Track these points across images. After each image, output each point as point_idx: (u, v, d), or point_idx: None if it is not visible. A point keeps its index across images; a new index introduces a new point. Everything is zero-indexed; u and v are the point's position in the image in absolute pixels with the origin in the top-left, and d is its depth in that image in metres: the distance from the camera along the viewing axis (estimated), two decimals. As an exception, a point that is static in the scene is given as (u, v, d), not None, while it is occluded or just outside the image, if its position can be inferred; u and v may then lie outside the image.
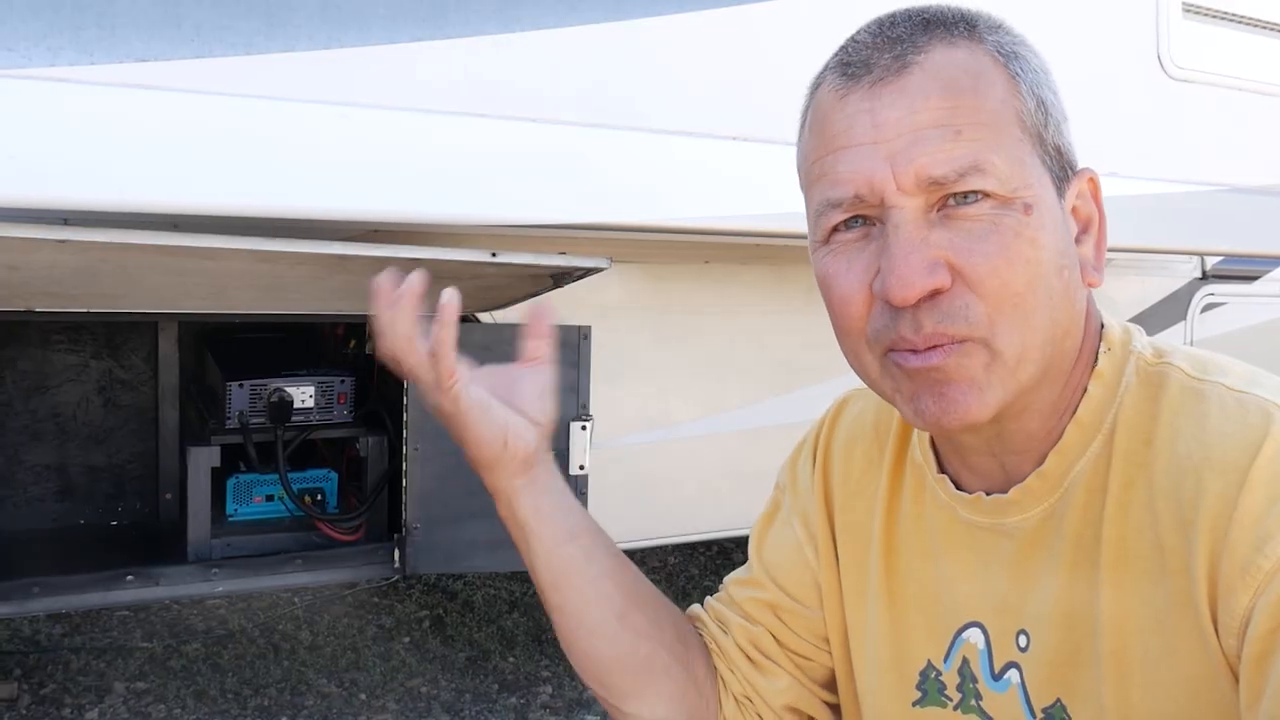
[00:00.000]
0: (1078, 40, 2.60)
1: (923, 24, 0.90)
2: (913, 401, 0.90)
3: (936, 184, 0.85)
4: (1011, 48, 0.91)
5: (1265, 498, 0.81)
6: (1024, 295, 0.86)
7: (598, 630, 1.11)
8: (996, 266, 0.85)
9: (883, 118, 0.87)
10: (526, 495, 1.07)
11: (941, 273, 0.85)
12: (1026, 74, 0.90)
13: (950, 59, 0.88)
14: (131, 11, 1.70)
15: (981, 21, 0.92)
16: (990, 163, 0.85)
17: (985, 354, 0.87)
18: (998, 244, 0.85)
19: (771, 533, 1.22)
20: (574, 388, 2.35)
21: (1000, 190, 0.85)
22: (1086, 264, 0.93)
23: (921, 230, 0.86)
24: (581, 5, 2.05)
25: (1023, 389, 0.89)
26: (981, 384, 0.87)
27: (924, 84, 0.87)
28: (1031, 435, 0.95)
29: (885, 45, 0.89)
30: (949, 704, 1.03)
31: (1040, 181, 0.88)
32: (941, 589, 1.04)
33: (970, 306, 0.86)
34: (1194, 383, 0.90)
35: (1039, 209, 0.87)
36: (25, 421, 2.73)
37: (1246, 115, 2.92)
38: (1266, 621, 0.79)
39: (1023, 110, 0.88)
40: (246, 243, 1.75)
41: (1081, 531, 0.92)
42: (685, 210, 2.10)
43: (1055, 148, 0.91)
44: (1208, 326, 3.16)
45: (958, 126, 0.85)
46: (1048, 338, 0.89)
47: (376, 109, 1.88)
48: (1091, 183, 0.95)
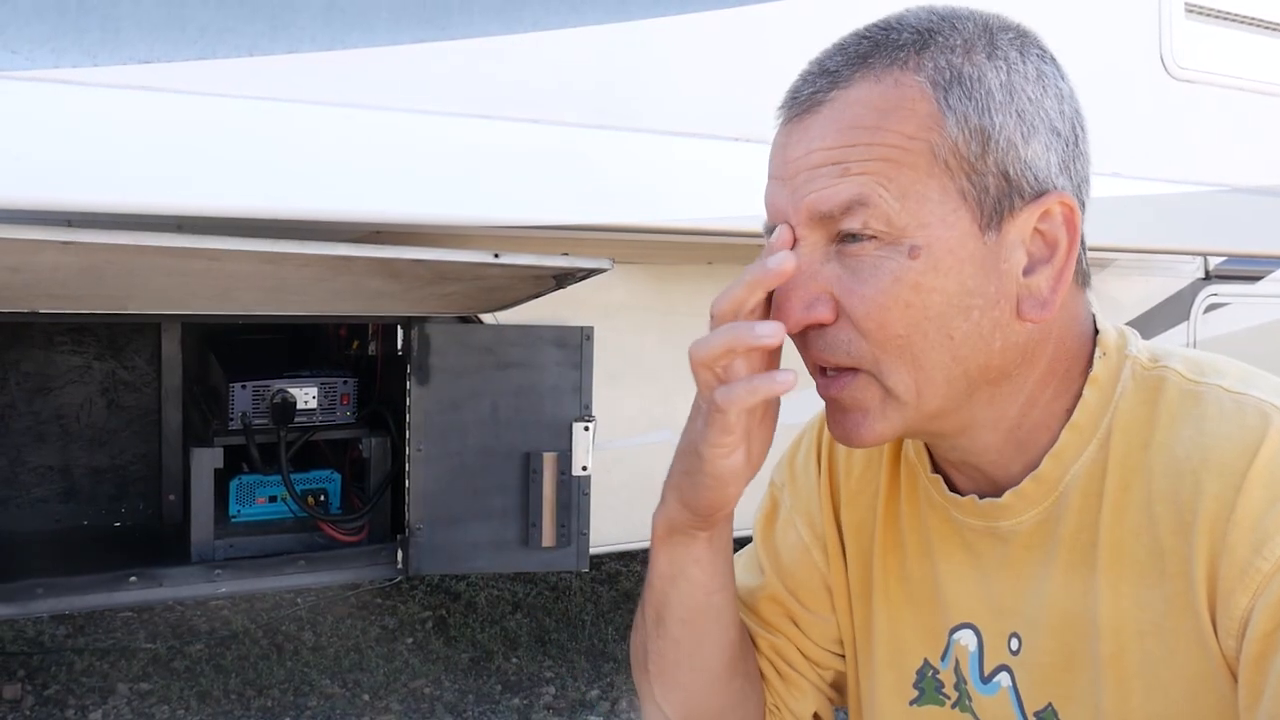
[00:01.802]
0: (1081, 41, 2.57)
1: (869, 48, 0.89)
2: (828, 421, 0.95)
3: (826, 219, 0.87)
4: (959, 70, 0.87)
5: (1263, 499, 0.81)
6: (907, 338, 0.87)
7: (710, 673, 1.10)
8: (871, 310, 0.86)
9: (790, 154, 0.90)
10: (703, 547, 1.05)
11: (821, 308, 0.88)
12: (966, 101, 0.86)
13: (864, 95, 0.87)
14: (135, 14, 1.70)
15: (939, 40, 0.89)
16: (875, 197, 0.85)
17: (878, 388, 0.89)
18: (875, 287, 0.86)
19: (776, 536, 1.21)
20: (576, 388, 2.36)
21: (886, 229, 0.85)
22: (1031, 298, 0.89)
23: (815, 264, 0.88)
24: (584, 6, 2.05)
25: (932, 418, 0.91)
26: (875, 414, 0.90)
27: (827, 123, 0.88)
28: (995, 447, 0.95)
29: (814, 78, 0.91)
30: (946, 702, 1.04)
31: (944, 220, 0.86)
32: (937, 588, 1.04)
33: (852, 341, 0.88)
34: (1191, 385, 0.90)
35: (930, 251, 0.85)
36: (29, 423, 2.73)
37: (1249, 115, 2.92)
38: (1265, 622, 0.80)
39: (938, 143, 0.86)
40: (250, 244, 1.75)
41: (1078, 535, 0.92)
42: (688, 211, 2.10)
43: (1000, 174, 0.87)
44: (1211, 327, 3.15)
45: (847, 164, 0.86)
46: (952, 375, 0.89)
47: (380, 110, 1.88)
48: (1065, 206, 0.90)
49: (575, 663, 3.63)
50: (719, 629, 1.08)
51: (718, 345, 0.89)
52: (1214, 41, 2.86)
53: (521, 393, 2.33)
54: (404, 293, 2.18)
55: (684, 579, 1.05)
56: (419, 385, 2.28)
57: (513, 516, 2.35)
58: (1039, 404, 0.94)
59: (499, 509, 2.34)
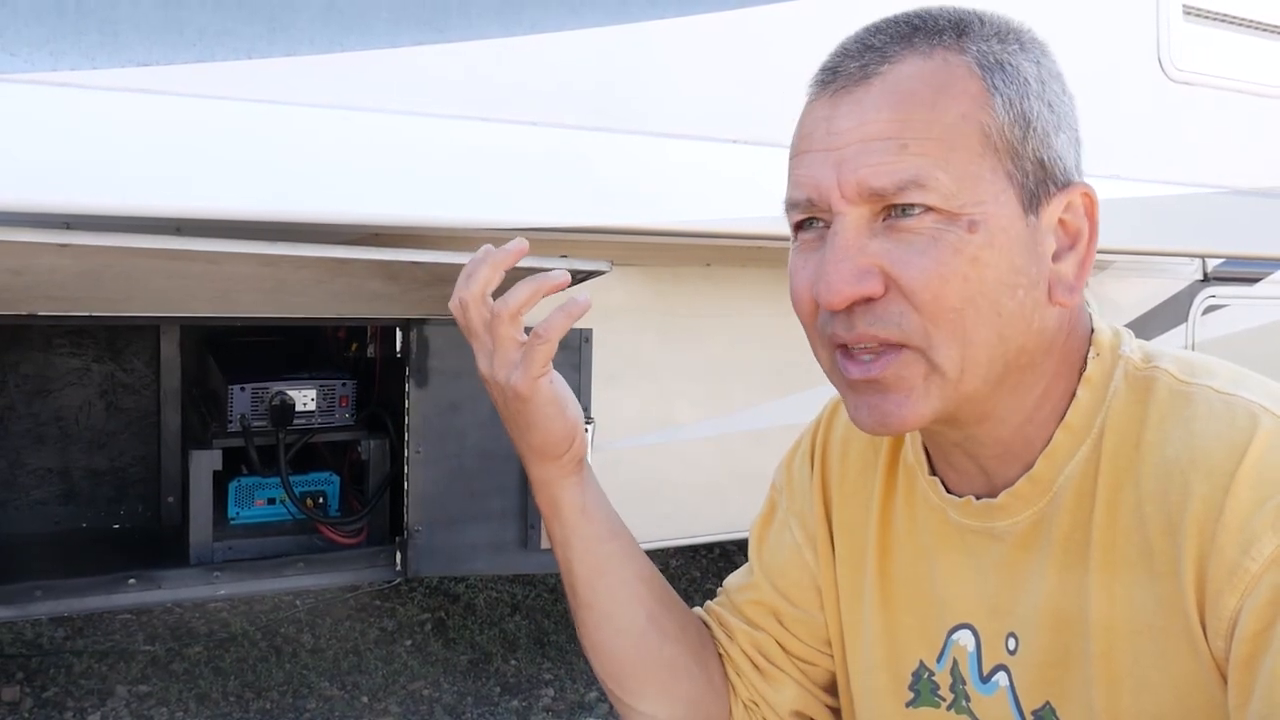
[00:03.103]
0: (1079, 43, 2.59)
1: (908, 30, 0.91)
2: (852, 409, 0.93)
3: (877, 195, 0.86)
4: (999, 57, 0.90)
5: (1251, 500, 0.82)
6: (961, 311, 0.86)
7: (626, 629, 1.13)
8: (929, 280, 0.86)
9: (837, 126, 0.89)
10: (575, 492, 1.09)
11: (872, 281, 0.87)
12: (1009, 86, 0.89)
13: (916, 71, 0.88)
14: (134, 16, 1.70)
15: (975, 28, 0.91)
16: (933, 178, 0.85)
17: (924, 364, 0.88)
18: (934, 258, 0.86)
19: (770, 536, 1.22)
20: (575, 390, 2.32)
21: (943, 205, 0.86)
22: (1061, 282, 0.92)
23: (860, 238, 0.87)
24: (582, 9, 2.05)
25: (966, 400, 0.90)
26: (919, 393, 0.89)
27: (880, 96, 0.87)
28: (1003, 441, 0.96)
29: (858, 54, 0.90)
30: (942, 704, 1.04)
31: (997, 199, 0.87)
32: (934, 590, 1.05)
33: (905, 315, 0.87)
34: (1181, 386, 0.91)
35: (987, 227, 0.86)
36: (28, 425, 2.73)
37: (1247, 117, 2.92)
38: (1254, 623, 0.80)
39: (989, 124, 0.88)
40: (249, 246, 1.75)
41: (1071, 534, 0.93)
42: (686, 213, 2.10)
43: (1037, 161, 0.89)
44: (1209, 329, 3.16)
45: (904, 140, 0.86)
46: (995, 355, 0.89)
47: (378, 113, 1.88)
48: (1086, 197, 0.94)
49: (574, 665, 3.62)
50: (620, 582, 1.12)
51: (524, 294, 0.99)
52: (1212, 43, 2.86)
53: None
54: (402, 295, 2.18)
55: (575, 538, 1.11)
56: (418, 387, 2.28)
57: (511, 518, 2.35)
58: (1050, 398, 0.95)
59: (498, 511, 2.34)
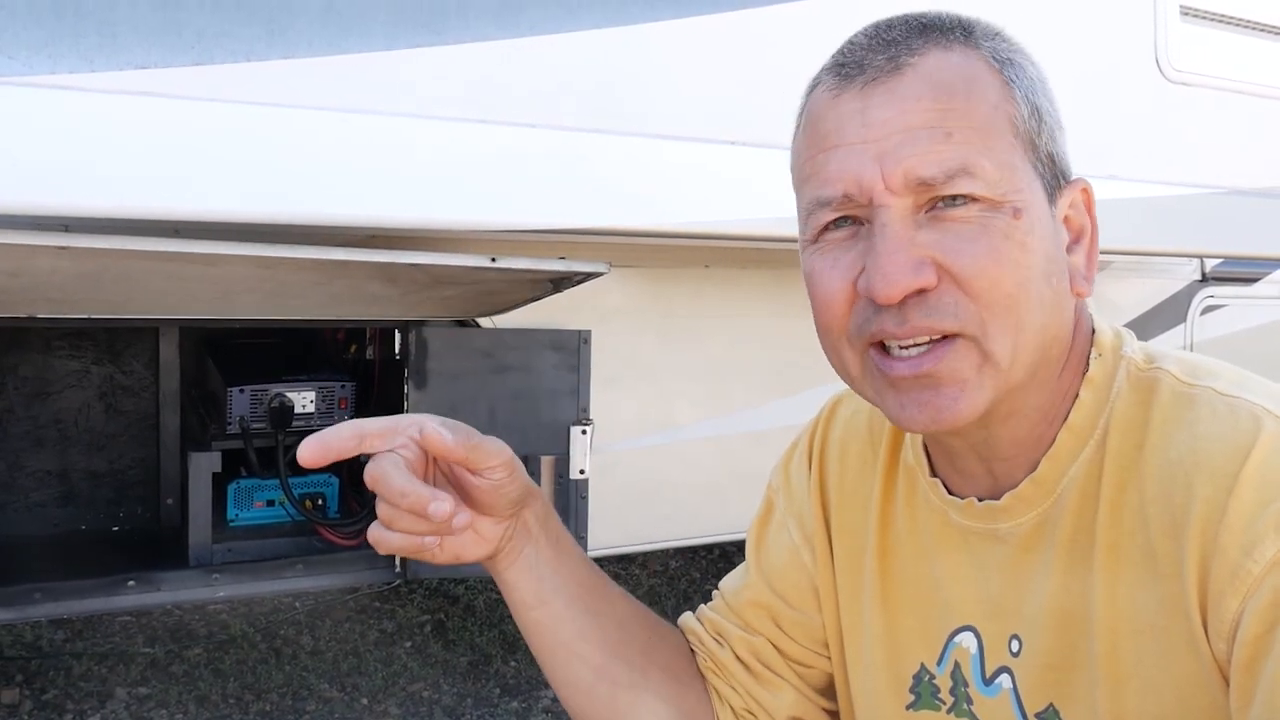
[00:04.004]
0: (1077, 44, 2.62)
1: (919, 28, 0.90)
2: (897, 408, 0.90)
3: (925, 185, 0.85)
4: (1007, 54, 0.91)
5: (1254, 502, 0.81)
6: (1015, 296, 0.86)
7: (572, 683, 1.13)
8: (985, 267, 0.85)
9: (873, 117, 0.87)
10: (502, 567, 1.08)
11: (927, 271, 0.85)
12: (1021, 80, 0.90)
13: (944, 62, 0.88)
14: (132, 19, 1.70)
15: (978, 28, 0.92)
16: (979, 166, 0.85)
17: (977, 354, 0.87)
18: (986, 245, 0.85)
19: (768, 538, 1.21)
20: (574, 392, 2.37)
21: (989, 194, 0.85)
22: (1076, 273, 0.93)
23: (909, 230, 0.86)
24: (580, 11, 2.05)
25: (1011, 391, 0.89)
26: (973, 385, 0.87)
27: (916, 86, 0.87)
28: (1018, 441, 0.95)
29: (880, 47, 0.89)
30: (942, 707, 1.04)
31: (1031, 187, 0.88)
32: (935, 592, 1.04)
33: (960, 304, 0.86)
34: (1185, 387, 0.91)
35: (1028, 214, 0.87)
36: (27, 427, 2.75)
37: (1245, 117, 2.93)
38: (1256, 626, 0.80)
39: (1016, 116, 0.89)
40: (248, 248, 1.76)
41: (1075, 536, 0.93)
42: (684, 215, 2.10)
43: (1049, 155, 0.91)
44: (1208, 329, 3.17)
45: (948, 129, 0.85)
46: (1039, 342, 0.89)
47: (377, 115, 1.88)
48: (1085, 193, 0.95)
49: None
50: (556, 644, 1.12)
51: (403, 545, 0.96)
52: (1209, 44, 2.87)
53: (519, 396, 2.34)
54: (401, 297, 2.19)
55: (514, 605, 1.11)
56: (416, 389, 2.28)
57: None
58: (1055, 398, 0.95)
59: None
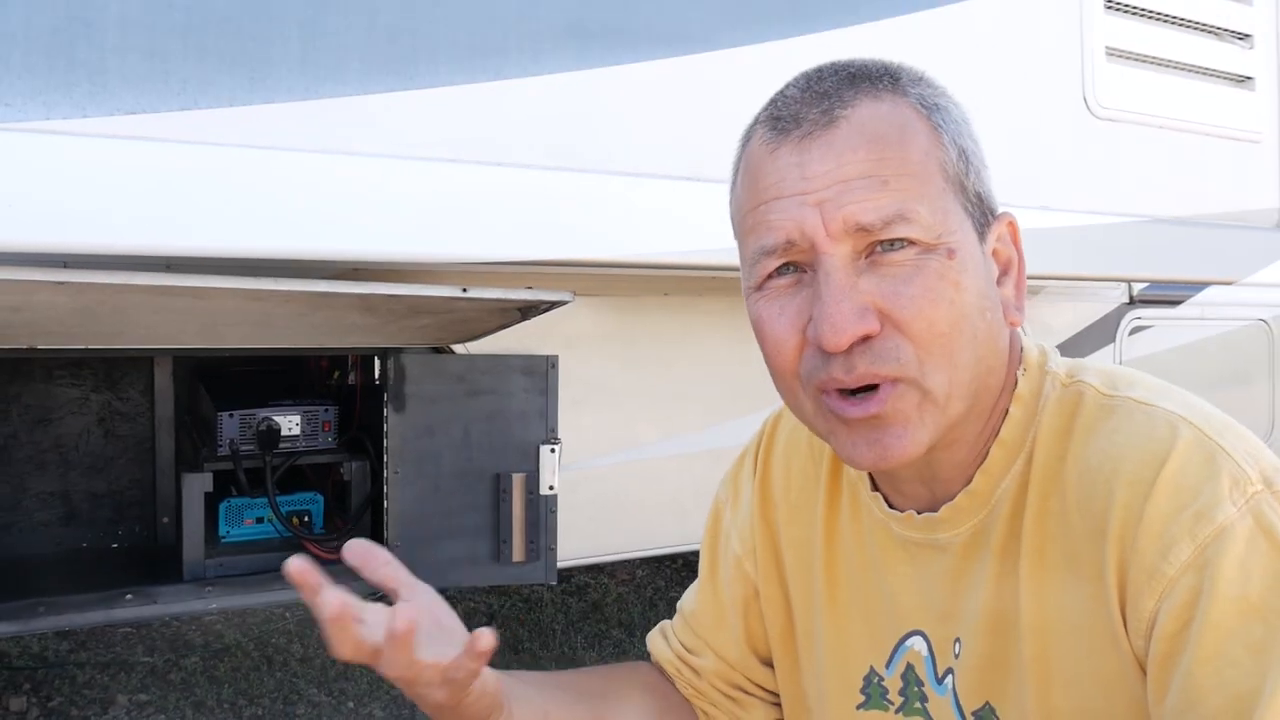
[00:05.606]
0: (1010, 83, 2.66)
1: (849, 78, 0.93)
2: (848, 446, 0.92)
3: (864, 230, 0.87)
4: (934, 100, 0.94)
5: (1170, 507, 0.84)
6: (949, 335, 0.88)
7: None
8: (922, 308, 0.87)
9: (812, 170, 0.89)
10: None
11: (871, 318, 0.87)
12: (948, 125, 0.93)
13: (875, 112, 0.90)
14: (121, 68, 1.71)
15: (904, 75, 0.95)
16: (915, 211, 0.87)
17: (917, 393, 0.89)
18: (922, 287, 0.87)
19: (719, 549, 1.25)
20: (542, 413, 2.40)
21: (924, 237, 0.88)
22: (1008, 304, 0.96)
23: (851, 277, 0.88)
24: (543, 56, 2.07)
25: (951, 424, 0.92)
26: (915, 423, 0.89)
27: (850, 137, 0.89)
28: (958, 464, 0.98)
29: (813, 100, 0.91)
30: (890, 707, 1.07)
31: (962, 228, 0.90)
32: (884, 600, 1.06)
33: (900, 347, 0.88)
34: (1105, 399, 0.94)
35: (961, 253, 0.89)
36: (30, 452, 2.77)
37: (1166, 151, 2.98)
38: (1171, 624, 0.83)
39: (945, 160, 0.91)
40: (236, 282, 1.78)
41: (1006, 543, 0.95)
42: (644, 246, 2.12)
43: (976, 194, 0.93)
44: (1136, 348, 3.22)
45: (884, 177, 0.87)
46: (973, 375, 0.91)
47: (354, 155, 1.89)
48: (1010, 226, 0.97)
49: (547, 670, 3.66)
50: None
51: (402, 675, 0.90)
52: (1133, 82, 2.92)
53: (491, 418, 2.37)
54: (380, 326, 2.22)
55: None
56: (395, 412, 2.31)
57: (485, 534, 2.38)
58: (995, 414, 0.97)
59: (472, 527, 2.38)
